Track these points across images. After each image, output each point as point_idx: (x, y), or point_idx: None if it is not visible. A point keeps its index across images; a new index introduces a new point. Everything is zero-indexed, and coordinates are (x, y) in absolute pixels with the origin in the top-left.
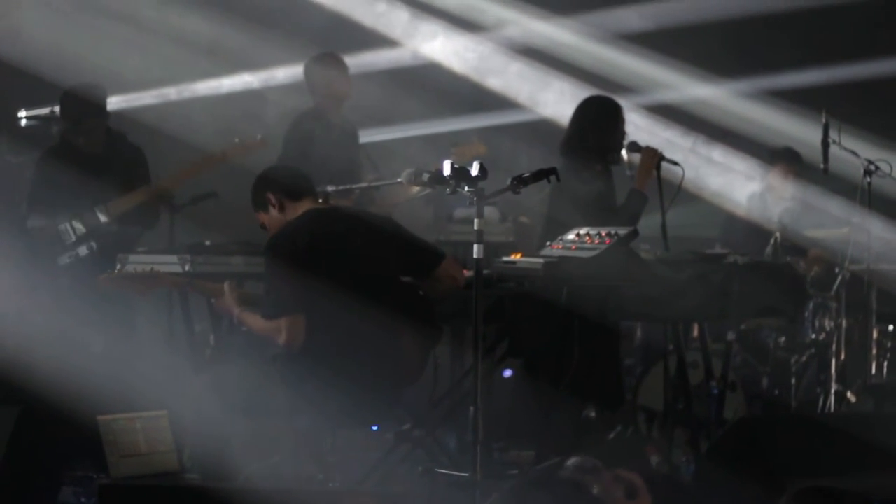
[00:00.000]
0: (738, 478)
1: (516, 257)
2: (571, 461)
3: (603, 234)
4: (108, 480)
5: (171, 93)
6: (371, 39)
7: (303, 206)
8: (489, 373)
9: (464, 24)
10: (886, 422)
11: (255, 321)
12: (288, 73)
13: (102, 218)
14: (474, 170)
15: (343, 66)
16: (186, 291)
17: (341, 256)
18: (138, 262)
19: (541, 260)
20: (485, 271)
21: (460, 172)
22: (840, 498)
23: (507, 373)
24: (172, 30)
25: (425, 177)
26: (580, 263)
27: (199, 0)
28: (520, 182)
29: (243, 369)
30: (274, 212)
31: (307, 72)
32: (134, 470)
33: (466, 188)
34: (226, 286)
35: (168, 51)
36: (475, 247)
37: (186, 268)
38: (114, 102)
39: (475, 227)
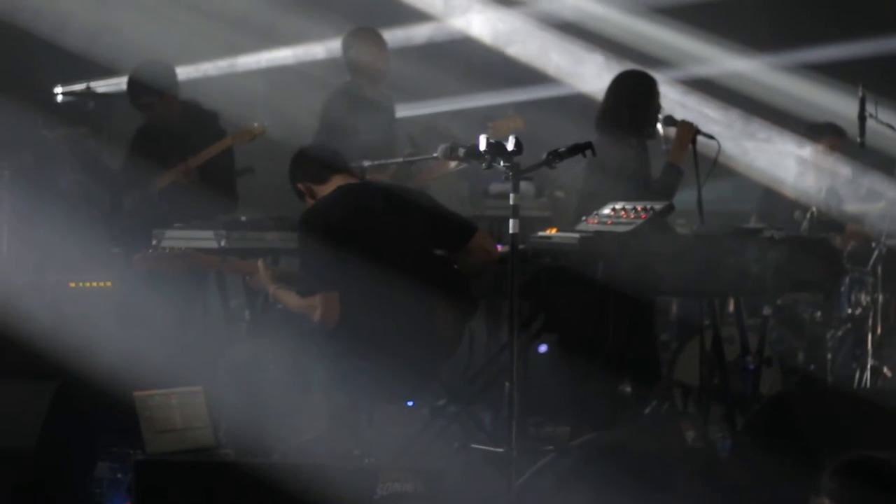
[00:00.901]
0: (774, 453)
1: (552, 232)
2: None
3: (639, 208)
4: (143, 456)
5: (210, 68)
6: (407, 14)
7: (333, 184)
8: (524, 348)
9: None
10: None
11: (290, 298)
12: (325, 48)
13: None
14: (510, 145)
15: (381, 42)
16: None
17: (374, 231)
18: (174, 237)
19: (576, 235)
20: (520, 246)
21: (496, 147)
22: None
23: (543, 348)
24: (208, 4)
25: (461, 152)
26: (616, 238)
27: None
28: (555, 157)
29: (279, 344)
30: (309, 200)
31: (344, 46)
32: (170, 445)
33: (502, 163)
34: (259, 263)
35: (204, 26)
36: (511, 221)
37: (222, 243)
38: None
39: (511, 202)
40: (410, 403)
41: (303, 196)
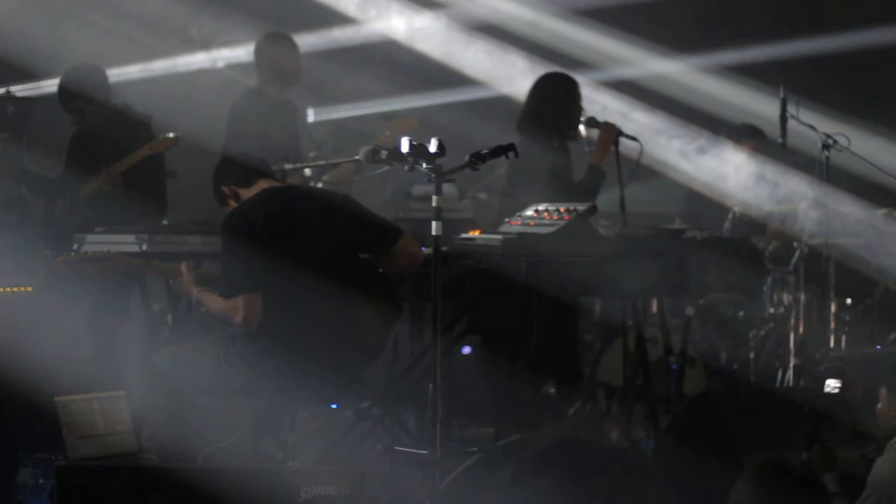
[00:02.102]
0: (698, 452)
1: (475, 234)
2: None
3: (562, 209)
4: (65, 462)
5: (131, 72)
6: (327, 16)
7: (259, 187)
8: (448, 350)
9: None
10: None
11: (213, 301)
12: (247, 51)
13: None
14: (432, 146)
15: (293, 46)
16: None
17: (298, 234)
18: (95, 241)
19: (499, 236)
20: (444, 248)
21: (418, 149)
22: (800, 470)
23: (466, 349)
24: (125, 8)
25: (383, 154)
26: (539, 239)
27: None
28: (478, 159)
29: (201, 348)
30: (233, 203)
31: (257, 49)
32: (92, 451)
33: (425, 165)
34: (183, 266)
35: (121, 29)
36: (434, 224)
37: (144, 247)
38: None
39: (434, 205)
40: (334, 406)
41: (225, 200)
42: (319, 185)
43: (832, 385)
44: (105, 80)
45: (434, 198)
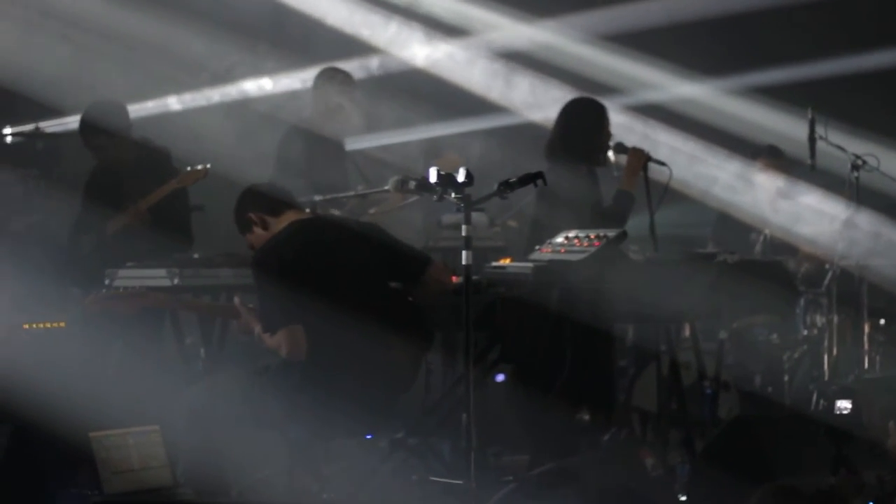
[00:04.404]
0: (734, 477)
1: (505, 262)
2: None
3: (592, 236)
4: (101, 497)
5: (159, 105)
6: (354, 46)
7: (286, 219)
8: (481, 379)
9: (446, 28)
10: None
11: (265, 337)
12: (273, 84)
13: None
14: (461, 176)
15: (350, 83)
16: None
17: (328, 266)
18: (127, 276)
19: (530, 264)
20: (474, 277)
21: (446, 179)
22: (810, 495)
23: (500, 377)
24: (153, 43)
25: (412, 184)
26: (570, 266)
27: (176, 10)
28: (506, 187)
29: (235, 379)
30: (258, 230)
31: (314, 84)
32: (127, 486)
33: (453, 195)
34: (237, 303)
35: (149, 64)
36: (464, 253)
37: (175, 281)
38: None
39: (463, 234)
40: (369, 437)
41: (249, 227)
42: (366, 217)
43: (842, 406)
44: (126, 116)
45: (464, 227)
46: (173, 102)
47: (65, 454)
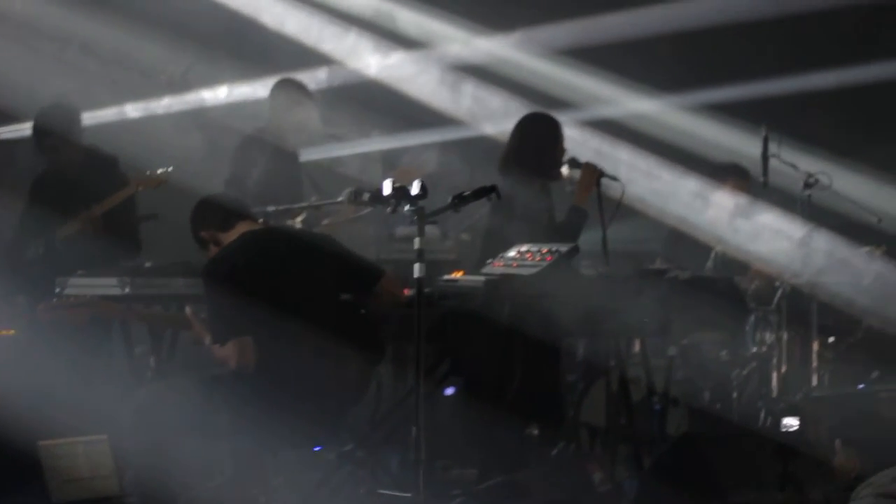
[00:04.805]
0: (682, 493)
1: (457, 275)
2: None
3: (544, 251)
4: None
5: (110, 113)
6: (306, 57)
7: (238, 231)
8: (431, 392)
9: (401, 41)
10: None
11: (214, 349)
12: (226, 93)
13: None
14: (414, 189)
15: (308, 96)
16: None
17: (280, 276)
18: (77, 284)
19: (482, 278)
20: (426, 290)
21: (400, 192)
22: None
23: (450, 391)
24: (106, 51)
25: (366, 196)
26: (522, 281)
27: (132, 18)
28: (461, 200)
29: (184, 389)
30: (213, 248)
31: (271, 95)
32: (75, 495)
33: (407, 207)
34: (189, 313)
35: (103, 72)
36: (416, 265)
37: (126, 290)
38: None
39: (416, 246)
40: (317, 448)
41: (206, 245)
42: (319, 228)
43: (789, 424)
44: (79, 120)
45: (416, 239)
46: (130, 110)
47: (13, 462)
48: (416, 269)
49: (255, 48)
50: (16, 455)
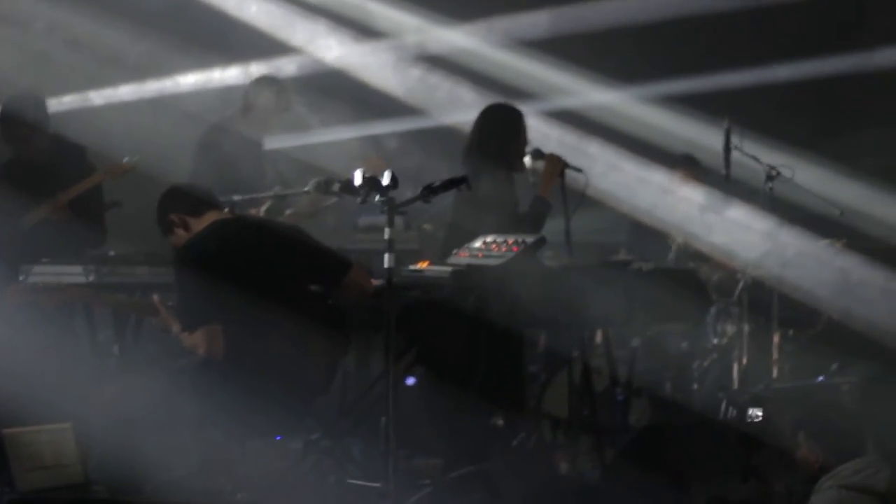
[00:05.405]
0: (645, 483)
1: (423, 265)
2: None
3: (510, 241)
4: (13, 494)
5: (75, 100)
6: (274, 47)
7: (208, 219)
8: (397, 381)
9: (365, 30)
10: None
11: (183, 336)
12: (192, 81)
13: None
14: (385, 179)
15: (284, 92)
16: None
17: (249, 266)
18: (42, 272)
19: (448, 268)
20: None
21: (371, 182)
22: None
23: (410, 381)
24: (69, 36)
25: (335, 186)
26: (487, 271)
27: (96, 7)
28: (431, 191)
29: (150, 379)
30: (180, 231)
31: (248, 89)
32: (40, 483)
33: (378, 197)
34: (156, 300)
35: (65, 58)
36: (386, 256)
37: (91, 278)
38: None
39: (386, 237)
40: (279, 437)
41: (171, 229)
42: (282, 218)
43: (754, 414)
44: (45, 109)
45: (387, 230)
46: (94, 97)
47: None
48: (387, 259)
49: (215, 36)
50: None
